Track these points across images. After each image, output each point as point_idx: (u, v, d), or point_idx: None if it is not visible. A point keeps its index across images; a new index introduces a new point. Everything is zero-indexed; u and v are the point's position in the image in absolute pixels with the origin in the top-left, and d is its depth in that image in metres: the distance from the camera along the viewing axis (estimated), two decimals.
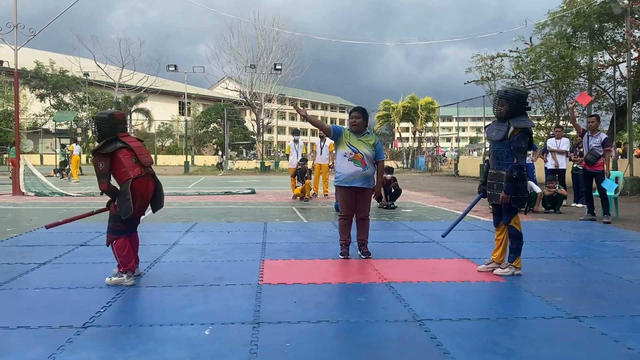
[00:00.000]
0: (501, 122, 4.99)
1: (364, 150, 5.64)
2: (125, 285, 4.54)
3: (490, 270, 5.10)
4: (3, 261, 5.46)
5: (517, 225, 5.00)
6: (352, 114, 5.83)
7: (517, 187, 4.87)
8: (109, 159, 4.50)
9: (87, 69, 43.46)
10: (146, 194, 4.66)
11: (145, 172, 4.65)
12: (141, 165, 4.62)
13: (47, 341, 3.23)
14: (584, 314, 3.82)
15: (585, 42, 18.84)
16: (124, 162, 4.51)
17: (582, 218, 9.38)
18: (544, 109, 21.53)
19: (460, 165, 28.50)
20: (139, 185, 4.56)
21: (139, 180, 4.56)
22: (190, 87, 48.52)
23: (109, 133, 4.58)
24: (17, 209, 10.68)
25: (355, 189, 5.72)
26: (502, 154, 4.94)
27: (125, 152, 4.56)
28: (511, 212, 4.98)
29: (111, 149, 4.51)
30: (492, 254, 5.20)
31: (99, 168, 4.47)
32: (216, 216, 9.59)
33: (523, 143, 4.85)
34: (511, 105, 4.90)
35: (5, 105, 43.47)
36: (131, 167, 4.53)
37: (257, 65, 42.55)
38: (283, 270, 5.21)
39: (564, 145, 11.92)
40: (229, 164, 34.55)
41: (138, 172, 4.56)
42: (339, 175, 5.75)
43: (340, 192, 5.88)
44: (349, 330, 3.50)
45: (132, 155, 4.58)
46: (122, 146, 4.56)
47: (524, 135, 4.86)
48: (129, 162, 4.54)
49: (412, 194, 15.30)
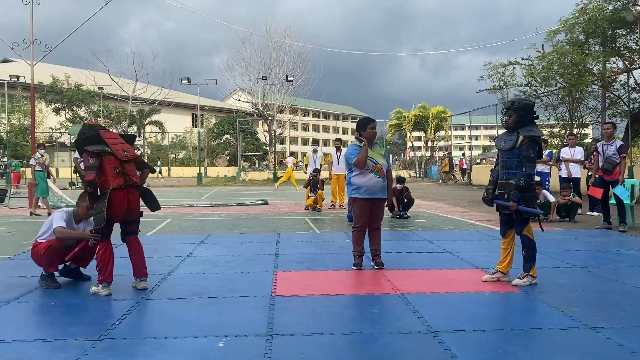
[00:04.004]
0: (510, 132, 5.01)
1: (382, 162, 5.73)
2: (102, 296, 4.63)
3: (496, 280, 5.08)
4: (20, 274, 5.53)
5: (529, 234, 4.97)
6: (371, 124, 5.85)
7: (525, 196, 4.86)
8: (99, 158, 4.60)
9: (101, 83, 43.98)
10: (124, 205, 4.69)
11: (126, 182, 4.70)
12: (124, 175, 4.69)
13: (64, 354, 3.27)
14: (601, 324, 3.77)
15: (598, 48, 18.72)
16: (107, 171, 4.60)
17: (597, 227, 9.27)
18: (557, 117, 21.37)
19: (474, 174, 28.34)
20: (117, 197, 4.62)
21: (118, 192, 4.62)
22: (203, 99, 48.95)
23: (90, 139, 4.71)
24: (32, 222, 10.81)
25: (373, 200, 5.74)
26: (511, 164, 4.93)
27: (111, 159, 4.64)
28: (523, 222, 4.96)
29: (98, 149, 4.61)
30: (498, 264, 5.17)
31: (89, 161, 4.58)
32: (229, 227, 9.63)
33: (532, 152, 4.85)
34: (518, 115, 4.92)
35: (22, 120, 44.16)
36: (112, 177, 4.61)
37: (269, 76, 42.84)
38: (296, 281, 5.22)
39: (578, 154, 11.79)
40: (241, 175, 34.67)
41: (119, 182, 4.64)
42: (360, 188, 5.71)
43: (359, 204, 5.80)
44: (362, 342, 3.49)
45: (116, 165, 4.66)
46: (108, 152, 4.64)
47: (532, 145, 4.85)
48: (112, 171, 4.62)
49: (425, 203, 15.24)
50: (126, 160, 4.75)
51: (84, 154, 4.65)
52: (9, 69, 45.44)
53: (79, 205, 5.06)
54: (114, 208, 4.60)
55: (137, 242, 4.98)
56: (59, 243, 4.85)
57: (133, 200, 4.78)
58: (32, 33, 13.85)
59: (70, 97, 42.54)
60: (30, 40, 13.83)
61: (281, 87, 44.04)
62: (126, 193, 4.69)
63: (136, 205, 4.83)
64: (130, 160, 4.81)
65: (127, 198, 4.70)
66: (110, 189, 4.58)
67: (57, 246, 4.85)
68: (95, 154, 4.60)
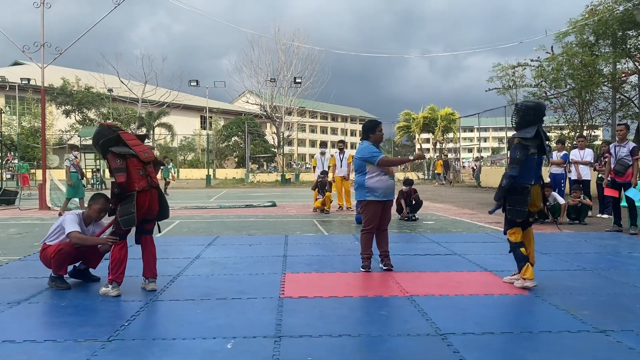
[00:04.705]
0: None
1: None
2: (111, 296, 4.65)
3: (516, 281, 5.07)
4: (30, 275, 5.57)
5: (510, 237, 4.99)
6: (379, 127, 5.85)
7: (512, 198, 4.86)
8: (125, 160, 4.64)
9: (111, 85, 44.34)
10: (147, 207, 4.76)
11: (150, 184, 4.76)
12: (147, 177, 4.74)
13: (73, 354, 3.29)
14: (611, 327, 3.74)
15: (608, 50, 18.61)
16: (132, 173, 4.64)
17: (608, 229, 9.20)
18: (567, 119, 21.25)
19: (483, 176, 28.18)
20: (140, 199, 4.67)
21: (141, 194, 4.68)
22: (211, 102, 49.16)
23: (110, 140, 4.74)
24: (43, 223, 10.89)
25: (385, 202, 5.76)
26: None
27: (134, 162, 4.68)
28: (507, 223, 4.98)
29: (124, 151, 4.65)
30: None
31: (116, 163, 4.60)
32: (238, 229, 9.66)
33: (518, 154, 4.84)
34: (519, 117, 4.97)
35: (33, 122, 44.55)
36: (138, 180, 4.66)
37: (277, 78, 42.94)
38: (304, 283, 5.22)
39: (587, 156, 11.72)
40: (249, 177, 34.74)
41: (143, 185, 4.68)
42: (376, 191, 5.65)
43: (374, 207, 5.71)
44: (371, 345, 3.48)
45: (140, 168, 4.71)
46: (132, 154, 4.68)
47: (520, 146, 4.84)
48: (137, 174, 4.67)
49: (433, 205, 15.20)
50: (147, 161, 4.80)
51: (109, 156, 4.65)
52: (20, 71, 45.92)
53: (91, 207, 5.09)
54: (137, 210, 4.64)
55: (151, 243, 5.03)
56: (70, 247, 4.88)
57: (153, 201, 4.84)
58: (42, 36, 13.96)
59: (80, 99, 42.88)
60: (41, 43, 13.93)
61: (289, 89, 44.20)
62: (148, 195, 4.75)
63: (155, 205, 4.87)
64: (150, 161, 4.86)
65: (150, 199, 4.77)
66: (137, 190, 4.63)
67: (67, 250, 4.87)
68: (122, 155, 4.64)
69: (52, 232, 5.06)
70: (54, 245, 4.95)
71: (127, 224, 4.62)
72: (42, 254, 5.05)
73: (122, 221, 4.62)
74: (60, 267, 4.94)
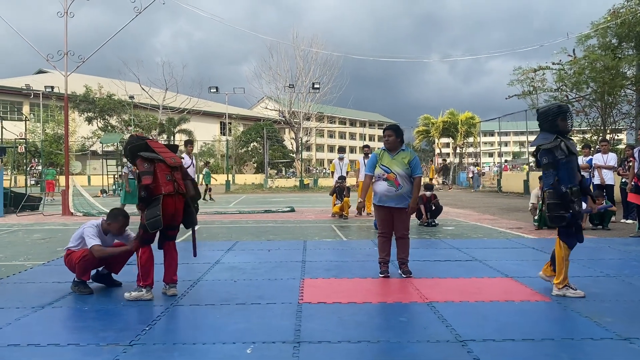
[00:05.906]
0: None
1: (396, 170, 5.65)
2: (145, 300, 4.73)
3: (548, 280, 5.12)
4: (54, 280, 5.67)
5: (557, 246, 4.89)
6: (385, 132, 5.87)
7: (549, 204, 4.79)
8: (153, 164, 4.75)
9: (132, 92, 44.95)
10: (173, 212, 4.84)
11: (176, 190, 4.83)
12: (174, 182, 4.81)
13: (96, 358, 3.34)
14: (635, 335, 3.67)
15: (632, 52, 18.30)
16: (159, 177, 4.73)
17: (632, 235, 9.04)
18: (589, 123, 20.91)
19: (504, 181, 27.89)
20: (166, 203, 4.74)
21: (167, 198, 4.75)
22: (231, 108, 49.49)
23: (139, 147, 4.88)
24: (66, 229, 11.07)
25: (389, 209, 5.73)
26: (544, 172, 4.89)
27: (162, 166, 4.79)
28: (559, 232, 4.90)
29: (152, 156, 4.78)
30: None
31: (144, 167, 4.73)
32: (256, 234, 9.70)
33: (545, 159, 4.79)
34: (540, 121, 4.96)
35: (56, 129, 45.35)
36: (164, 184, 4.74)
37: (295, 84, 43.09)
38: (323, 289, 5.22)
39: (611, 160, 11.50)
40: (268, 182, 34.88)
41: (169, 189, 4.76)
42: (375, 195, 5.86)
43: (377, 211, 5.94)
44: (390, 351, 3.47)
45: (167, 173, 4.80)
46: (159, 159, 4.80)
47: (543, 152, 4.81)
48: (164, 178, 4.76)
49: (453, 210, 15.08)
50: (174, 167, 4.89)
51: (137, 160, 4.81)
52: (44, 79, 46.83)
53: (111, 225, 5.17)
54: (165, 213, 4.72)
55: (174, 249, 5.10)
56: (93, 256, 4.98)
57: (179, 207, 4.91)
58: (66, 44, 14.23)
59: (102, 106, 43.55)
60: (64, 52, 14.20)
61: (308, 95, 44.24)
62: (174, 200, 4.83)
63: (180, 212, 4.95)
64: (178, 167, 4.95)
65: (175, 205, 4.84)
66: (163, 194, 4.71)
67: (91, 257, 4.97)
68: (149, 160, 4.77)
69: (74, 240, 5.16)
70: (78, 252, 5.05)
71: (153, 227, 4.68)
72: (67, 259, 5.15)
73: (149, 224, 4.68)
74: (84, 273, 5.03)
